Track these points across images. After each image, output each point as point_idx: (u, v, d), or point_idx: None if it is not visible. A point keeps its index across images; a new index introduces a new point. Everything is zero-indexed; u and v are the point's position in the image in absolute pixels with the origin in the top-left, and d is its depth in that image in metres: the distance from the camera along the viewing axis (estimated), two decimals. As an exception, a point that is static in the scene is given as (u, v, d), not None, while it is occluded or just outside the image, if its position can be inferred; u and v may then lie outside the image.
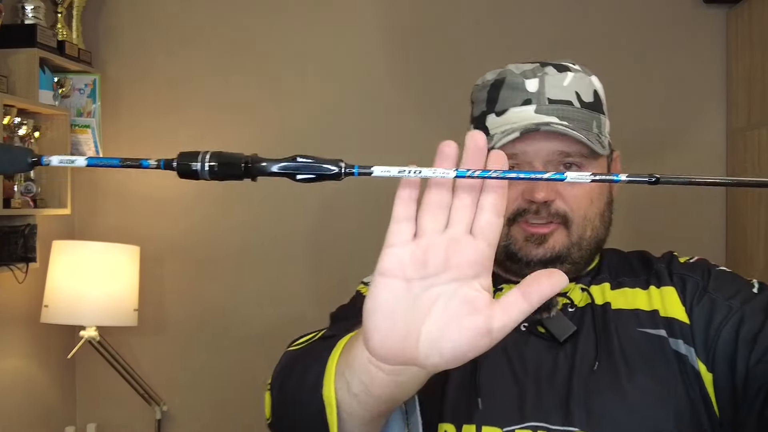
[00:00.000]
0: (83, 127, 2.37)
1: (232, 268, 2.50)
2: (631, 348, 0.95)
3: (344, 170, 0.57)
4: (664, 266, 1.03)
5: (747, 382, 0.89)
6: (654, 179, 0.56)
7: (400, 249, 0.61)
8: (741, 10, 2.28)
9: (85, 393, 2.52)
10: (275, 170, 0.57)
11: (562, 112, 0.99)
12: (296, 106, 2.48)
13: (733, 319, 0.93)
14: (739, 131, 2.29)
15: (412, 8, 2.46)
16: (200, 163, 0.57)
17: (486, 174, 0.57)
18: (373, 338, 0.63)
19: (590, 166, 0.99)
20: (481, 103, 1.04)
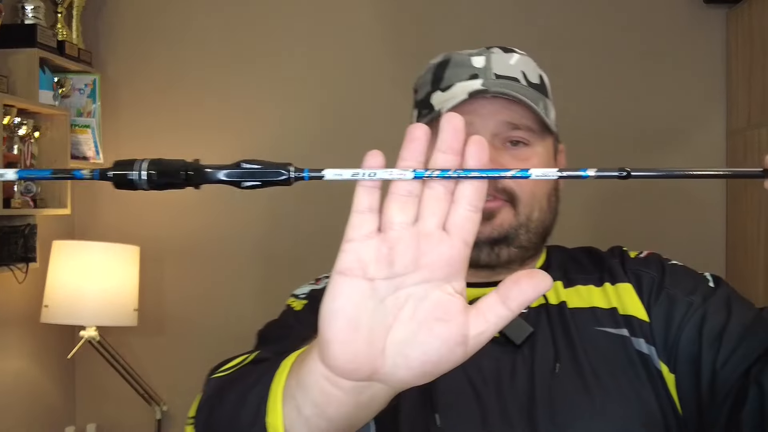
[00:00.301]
0: (83, 127, 2.37)
1: (233, 268, 2.50)
2: (593, 349, 0.90)
3: (293, 175, 0.53)
4: (617, 261, 0.99)
5: (714, 385, 0.85)
6: (625, 173, 0.52)
7: (362, 244, 0.53)
8: (741, 10, 2.28)
9: (85, 393, 2.52)
10: (220, 178, 0.54)
11: (508, 86, 0.95)
12: (297, 106, 2.48)
13: (694, 317, 0.89)
14: (739, 131, 2.29)
15: (412, 8, 2.46)
16: (137, 172, 0.53)
17: (445, 174, 0.52)
18: (330, 348, 0.54)
19: (537, 144, 0.96)
20: (426, 85, 1.00)
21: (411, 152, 0.52)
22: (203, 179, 0.54)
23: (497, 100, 0.93)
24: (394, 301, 0.54)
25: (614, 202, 2.40)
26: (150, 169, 0.53)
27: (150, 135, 2.50)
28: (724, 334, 0.86)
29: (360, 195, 0.53)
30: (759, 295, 2.13)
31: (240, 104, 2.49)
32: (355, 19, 2.48)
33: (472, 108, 0.92)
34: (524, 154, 0.94)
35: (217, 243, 2.50)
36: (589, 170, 0.52)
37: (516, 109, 0.93)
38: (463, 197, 0.53)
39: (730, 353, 0.85)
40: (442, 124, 0.52)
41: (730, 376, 0.84)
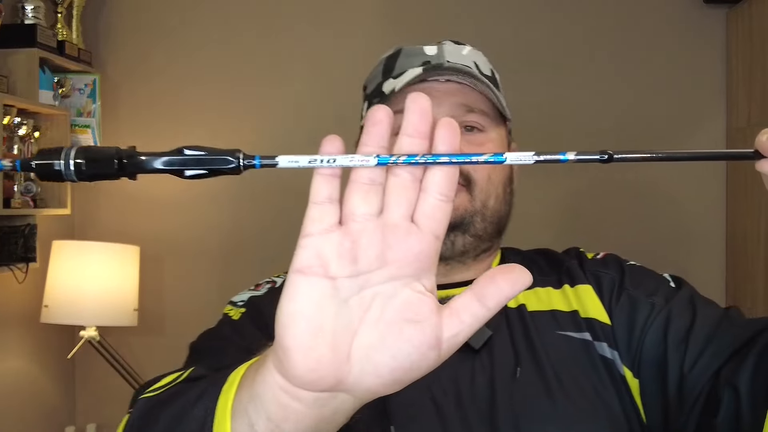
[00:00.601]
0: (83, 127, 2.37)
1: (233, 268, 2.50)
2: (555, 353, 0.86)
3: (243, 162, 0.48)
4: (576, 263, 0.95)
5: (682, 390, 0.81)
6: (606, 156, 0.48)
7: (322, 238, 0.48)
8: (741, 10, 2.28)
9: (85, 393, 2.52)
10: (158, 166, 0.48)
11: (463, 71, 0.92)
12: (298, 105, 2.48)
13: (658, 318, 0.86)
14: (740, 130, 2.29)
15: (414, 7, 2.46)
16: (63, 161, 0.48)
17: (412, 159, 0.47)
18: (289, 356, 0.48)
19: (492, 130, 0.92)
20: (377, 77, 0.96)
21: (373, 136, 0.47)
22: (139, 168, 0.48)
23: (451, 84, 0.90)
24: (359, 302, 0.48)
25: (614, 201, 2.40)
26: (78, 158, 0.48)
27: (150, 135, 2.50)
28: (691, 335, 0.83)
29: (318, 184, 0.48)
30: (759, 295, 2.13)
31: (240, 103, 2.49)
32: (355, 16, 2.48)
33: (426, 90, 0.90)
34: (479, 140, 0.91)
35: (218, 243, 2.50)
36: (568, 153, 0.48)
37: (470, 94, 0.90)
38: (432, 185, 0.48)
39: (698, 355, 0.81)
40: (407, 105, 0.47)
41: (698, 380, 0.80)
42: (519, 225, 0.99)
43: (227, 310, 0.95)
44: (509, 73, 2.41)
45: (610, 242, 2.41)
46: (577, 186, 2.42)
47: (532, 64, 2.42)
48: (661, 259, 2.35)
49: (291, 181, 2.37)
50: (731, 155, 0.53)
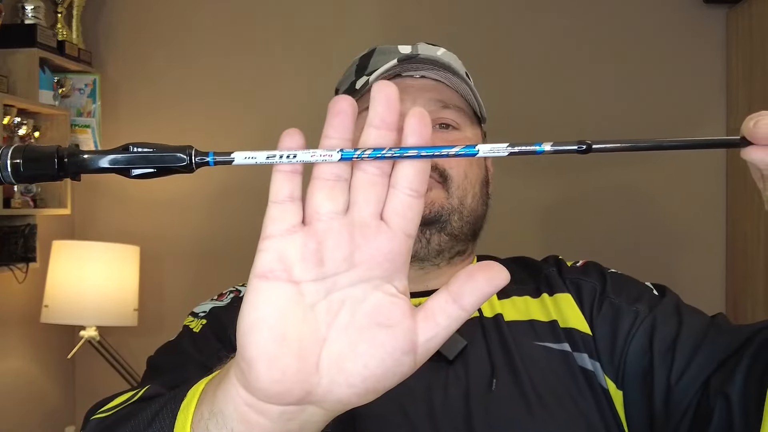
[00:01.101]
0: (83, 127, 2.37)
1: (233, 268, 2.50)
2: (533, 365, 0.82)
3: (195, 160, 0.45)
4: (554, 271, 0.91)
5: (669, 401, 0.78)
6: (584, 147, 0.45)
7: (284, 240, 0.45)
8: (741, 10, 2.28)
9: (85, 393, 2.52)
10: (102, 165, 0.45)
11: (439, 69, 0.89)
12: (298, 104, 2.48)
13: (642, 327, 0.82)
14: (740, 131, 2.28)
15: (413, 14, 2.46)
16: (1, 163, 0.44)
17: (378, 153, 0.43)
18: (253, 368, 0.45)
19: (467, 128, 0.89)
20: (349, 77, 0.93)
21: (335, 128, 0.44)
22: (82, 167, 0.45)
23: (426, 81, 0.87)
24: (326, 307, 0.45)
25: (613, 200, 2.40)
26: (14, 158, 0.45)
27: (150, 135, 2.50)
28: (677, 344, 0.79)
29: (277, 182, 0.45)
30: (759, 296, 2.13)
31: (241, 103, 2.49)
32: (354, 17, 2.48)
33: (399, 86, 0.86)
34: (455, 138, 0.87)
35: (218, 243, 2.50)
36: (544, 144, 0.45)
37: (445, 90, 0.88)
38: (402, 180, 0.45)
39: (685, 365, 0.78)
40: (373, 95, 0.44)
41: (687, 391, 0.77)
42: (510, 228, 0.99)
43: (188, 322, 0.91)
44: (507, 73, 2.42)
45: (610, 244, 2.42)
46: (574, 187, 2.42)
47: (531, 64, 2.42)
48: (661, 260, 2.35)
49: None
50: (717, 143, 0.50)
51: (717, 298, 2.33)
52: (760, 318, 2.08)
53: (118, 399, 0.68)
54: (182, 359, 0.83)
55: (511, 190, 2.31)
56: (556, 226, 2.41)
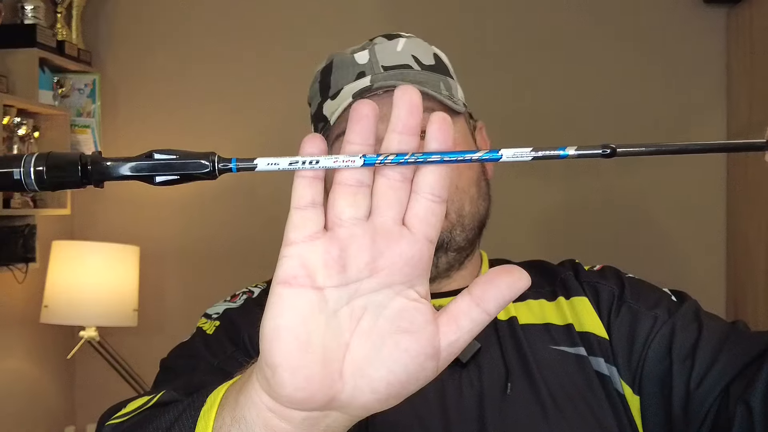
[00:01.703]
0: (83, 127, 2.36)
1: (233, 268, 2.50)
2: (549, 369, 0.82)
3: (218, 166, 0.45)
4: (571, 274, 0.90)
5: (688, 407, 0.78)
6: (609, 151, 0.45)
7: (307, 246, 0.45)
8: (741, 10, 2.28)
9: (85, 393, 2.52)
10: (126, 173, 0.45)
11: (400, 76, 0.84)
12: (298, 104, 2.47)
13: (661, 332, 0.82)
14: (740, 131, 2.28)
15: (413, 7, 2.46)
16: (23, 170, 0.44)
17: (401, 159, 0.43)
18: (277, 375, 0.45)
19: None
20: (316, 95, 0.91)
21: (358, 133, 0.44)
22: (105, 175, 0.45)
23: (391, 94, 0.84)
24: (349, 313, 0.45)
25: (614, 201, 2.40)
26: (38, 165, 0.44)
27: (150, 135, 2.50)
28: (697, 350, 0.79)
29: (300, 188, 0.45)
30: (760, 297, 2.13)
31: (241, 102, 2.49)
32: (356, 15, 2.48)
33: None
34: None
35: (218, 243, 2.50)
36: (568, 148, 0.45)
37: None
38: (425, 185, 0.45)
39: (705, 371, 0.78)
40: (396, 100, 0.44)
41: (706, 397, 0.77)
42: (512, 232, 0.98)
43: (201, 324, 0.91)
44: (507, 71, 2.42)
45: (610, 244, 2.41)
46: (575, 187, 2.42)
47: (531, 62, 2.42)
48: (662, 260, 2.35)
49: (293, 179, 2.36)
50: (741, 146, 0.49)
51: (717, 298, 2.32)
52: (761, 318, 2.08)
53: (132, 404, 0.68)
54: (195, 362, 0.83)
55: (510, 195, 2.31)
56: (556, 226, 2.41)
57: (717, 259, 2.37)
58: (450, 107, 0.85)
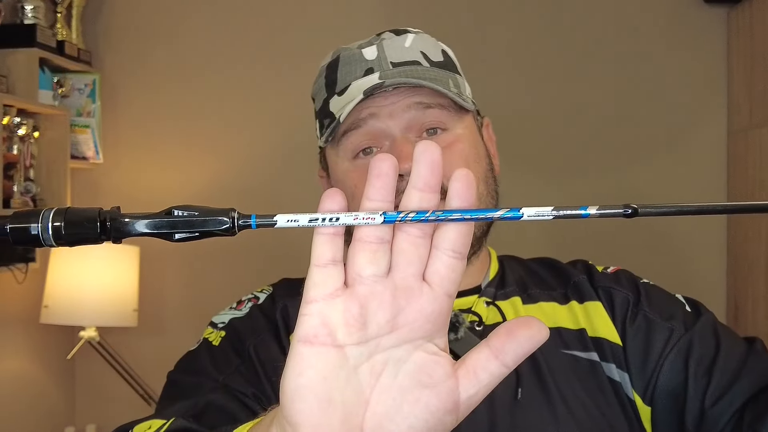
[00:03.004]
0: (83, 127, 2.36)
1: (233, 268, 2.50)
2: (560, 374, 0.81)
3: (238, 222, 0.46)
4: (585, 278, 0.89)
5: (702, 424, 0.78)
6: (630, 211, 0.46)
7: (327, 304, 0.45)
8: (742, 10, 2.28)
9: (84, 393, 2.52)
10: (144, 230, 0.45)
11: (409, 72, 0.83)
12: (298, 104, 2.47)
13: (678, 346, 0.82)
14: (741, 131, 2.28)
15: (412, 11, 2.46)
16: (39, 225, 0.44)
17: (422, 216, 0.43)
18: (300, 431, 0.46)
19: (456, 125, 0.84)
20: (321, 91, 0.90)
21: (378, 191, 0.44)
22: (124, 232, 0.45)
23: (401, 90, 0.82)
24: (369, 369, 0.45)
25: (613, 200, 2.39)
26: (56, 221, 0.44)
27: (150, 134, 2.50)
28: (714, 368, 0.79)
29: (319, 245, 0.45)
30: (760, 296, 2.13)
31: (241, 103, 2.49)
32: (356, 16, 2.48)
33: (374, 102, 0.82)
34: (446, 140, 0.83)
35: (218, 243, 2.49)
36: (590, 208, 0.45)
37: (423, 91, 0.83)
38: (445, 242, 0.45)
39: (722, 391, 0.78)
40: (416, 156, 0.44)
41: (721, 416, 0.77)
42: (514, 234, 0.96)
43: (207, 334, 0.91)
44: (507, 70, 2.41)
45: (611, 244, 2.41)
46: (575, 189, 2.42)
47: (531, 63, 2.41)
48: (662, 260, 2.35)
49: (297, 177, 2.37)
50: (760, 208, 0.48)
51: (717, 299, 2.32)
52: (761, 319, 2.08)
53: (140, 426, 0.68)
54: (201, 379, 0.84)
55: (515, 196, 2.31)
56: (557, 226, 2.41)
57: (717, 259, 2.37)
58: (460, 105, 0.84)
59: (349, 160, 0.85)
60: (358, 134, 0.83)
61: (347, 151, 0.84)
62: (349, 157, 0.84)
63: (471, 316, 0.84)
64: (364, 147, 0.83)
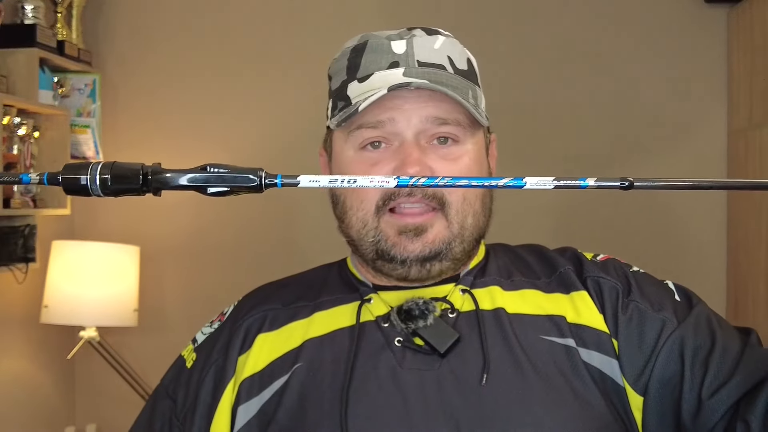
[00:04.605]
0: (83, 127, 2.36)
1: (233, 268, 2.50)
2: (536, 357, 0.82)
3: (265, 181, 0.49)
4: (571, 268, 0.89)
5: (699, 415, 0.78)
6: (626, 183, 0.48)
7: None
8: (742, 10, 2.28)
9: (84, 393, 2.52)
10: (182, 183, 0.49)
11: (434, 75, 0.83)
12: (298, 104, 2.48)
13: (671, 338, 0.82)
14: (741, 131, 2.28)
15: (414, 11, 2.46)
16: (89, 176, 0.48)
17: (432, 182, 0.47)
18: None
19: (468, 140, 0.85)
20: (341, 72, 0.89)
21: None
22: (164, 184, 0.48)
23: (422, 92, 0.83)
24: None
25: (615, 201, 2.40)
26: (103, 173, 0.48)
27: (150, 134, 2.50)
28: (711, 360, 0.80)
29: None
30: (760, 295, 2.13)
31: (241, 103, 2.49)
32: (356, 16, 2.48)
33: (394, 102, 0.83)
34: (454, 153, 0.84)
35: (218, 243, 2.50)
36: (588, 179, 0.48)
37: (442, 104, 0.83)
38: None
39: (721, 383, 0.78)
40: None
41: (717, 408, 0.78)
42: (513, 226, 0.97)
43: (185, 352, 0.95)
44: (506, 71, 2.41)
45: (611, 242, 2.41)
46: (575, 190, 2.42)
47: (531, 63, 2.41)
48: (662, 258, 2.35)
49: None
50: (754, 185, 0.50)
51: (717, 298, 2.32)
52: (761, 318, 2.08)
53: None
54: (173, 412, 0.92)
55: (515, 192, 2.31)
56: (556, 228, 2.41)
57: (717, 259, 2.37)
58: (476, 119, 0.85)
59: (355, 150, 0.86)
60: (373, 132, 0.84)
61: (357, 141, 0.85)
62: (357, 147, 0.85)
63: (443, 304, 0.85)
64: (373, 140, 0.85)
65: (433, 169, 0.82)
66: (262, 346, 0.87)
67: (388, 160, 0.83)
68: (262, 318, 0.90)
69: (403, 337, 0.83)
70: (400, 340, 0.83)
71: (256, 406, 0.84)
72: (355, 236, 0.86)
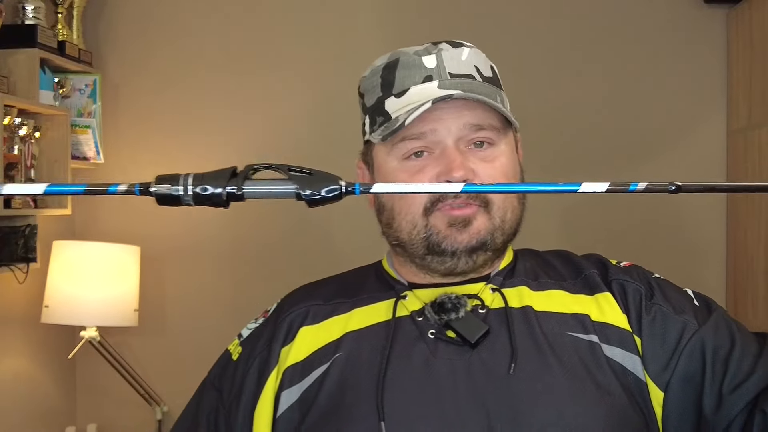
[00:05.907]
0: (84, 128, 2.36)
1: (233, 268, 2.50)
2: (560, 351, 0.88)
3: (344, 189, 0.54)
4: (596, 272, 0.95)
5: (720, 409, 0.85)
6: (674, 188, 0.51)
7: None
8: (741, 10, 2.28)
9: (85, 393, 2.52)
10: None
11: (467, 85, 0.91)
12: (299, 106, 2.48)
13: (693, 339, 0.88)
14: (740, 131, 2.29)
15: (412, 10, 2.46)
16: (182, 187, 0.53)
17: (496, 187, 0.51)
18: None
19: (501, 141, 0.92)
20: (375, 89, 0.95)
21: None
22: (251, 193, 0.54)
23: (457, 101, 0.89)
24: None
25: (615, 202, 2.40)
26: (195, 184, 0.53)
27: (150, 135, 2.50)
28: (731, 359, 0.86)
29: None
30: (760, 295, 2.13)
31: (241, 104, 2.49)
32: (355, 18, 2.48)
33: (434, 113, 0.89)
34: (491, 155, 0.91)
35: (218, 243, 2.50)
36: (639, 184, 0.52)
37: (478, 110, 0.90)
38: None
39: (740, 380, 0.85)
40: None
41: (736, 404, 0.84)
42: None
43: (231, 346, 1.01)
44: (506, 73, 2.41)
45: (612, 243, 2.41)
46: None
47: (531, 65, 2.42)
48: (662, 259, 2.35)
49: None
50: None
51: (718, 298, 2.31)
52: (760, 318, 2.08)
53: None
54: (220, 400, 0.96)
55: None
56: (557, 228, 2.41)
57: (717, 260, 2.37)
58: (509, 120, 0.92)
59: (399, 160, 0.91)
60: (417, 142, 0.90)
61: (401, 152, 0.91)
62: (401, 158, 0.91)
63: (474, 300, 0.91)
64: (416, 150, 0.90)
65: (475, 171, 0.89)
66: (304, 338, 0.94)
67: (431, 167, 0.89)
68: (305, 313, 0.96)
69: (436, 329, 0.90)
70: (433, 332, 0.90)
71: (297, 392, 0.91)
72: (406, 237, 0.91)
